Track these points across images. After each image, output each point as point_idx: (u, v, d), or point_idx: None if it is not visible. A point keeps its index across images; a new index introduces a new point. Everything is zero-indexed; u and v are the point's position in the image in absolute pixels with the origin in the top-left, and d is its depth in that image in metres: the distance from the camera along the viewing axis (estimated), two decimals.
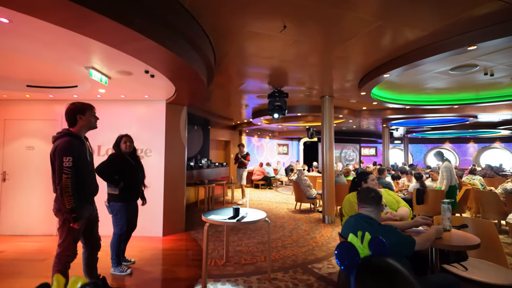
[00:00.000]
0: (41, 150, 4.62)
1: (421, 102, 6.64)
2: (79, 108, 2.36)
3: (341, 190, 5.86)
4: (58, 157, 2.18)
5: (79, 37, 2.19)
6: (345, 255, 0.75)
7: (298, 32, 3.06)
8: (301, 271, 3.23)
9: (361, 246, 0.81)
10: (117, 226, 3.14)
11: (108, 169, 3.09)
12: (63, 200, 2.15)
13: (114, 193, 3.12)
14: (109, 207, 3.15)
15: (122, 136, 3.31)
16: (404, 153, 14.22)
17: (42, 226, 4.53)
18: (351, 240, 0.82)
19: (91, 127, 2.45)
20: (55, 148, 2.22)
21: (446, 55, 3.28)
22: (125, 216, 3.16)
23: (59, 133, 2.32)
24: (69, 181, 2.16)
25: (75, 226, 2.23)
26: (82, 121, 2.36)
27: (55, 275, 0.43)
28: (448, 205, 2.39)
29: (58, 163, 2.17)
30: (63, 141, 2.23)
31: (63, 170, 2.16)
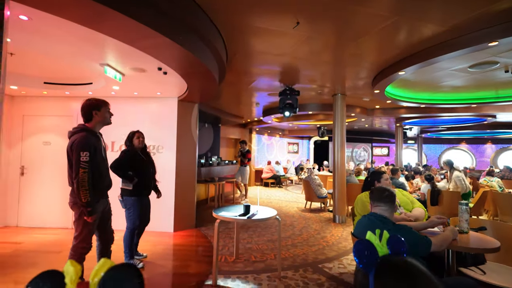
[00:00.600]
0: (57, 145, 4.75)
1: (436, 101, 6.45)
2: (94, 104, 2.40)
3: (352, 190, 5.77)
4: (75, 152, 2.22)
5: (94, 34, 2.23)
6: (363, 253, 0.73)
7: (311, 28, 3.02)
8: (311, 270, 3.20)
9: (379, 244, 0.79)
10: (130, 220, 3.20)
11: (123, 165, 3.15)
12: (79, 194, 2.21)
13: (127, 188, 3.18)
14: (122, 201, 3.21)
15: (135, 132, 3.37)
16: (418, 153, 13.88)
17: (58, 219, 4.67)
18: (369, 238, 0.80)
19: (105, 123, 2.49)
20: (72, 142, 2.27)
21: (466, 51, 3.17)
22: (137, 211, 3.21)
23: (75, 128, 2.37)
24: (85, 176, 2.21)
25: (89, 220, 2.28)
26: (98, 117, 2.40)
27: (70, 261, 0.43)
28: (466, 206, 2.31)
29: (76, 157, 2.22)
30: (80, 136, 2.27)
31: (80, 165, 2.21)
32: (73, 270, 0.41)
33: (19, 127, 4.79)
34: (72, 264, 0.43)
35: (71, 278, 0.40)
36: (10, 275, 2.88)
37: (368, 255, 0.74)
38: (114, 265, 0.42)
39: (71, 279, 0.40)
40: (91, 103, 2.39)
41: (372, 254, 0.74)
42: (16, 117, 4.78)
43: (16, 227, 4.61)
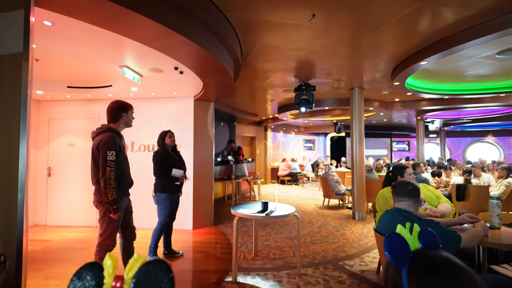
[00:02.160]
0: (81, 147, 4.94)
1: (461, 92, 6.14)
2: (123, 106, 2.49)
3: (372, 186, 5.62)
4: (102, 151, 2.29)
5: (114, 36, 2.29)
6: (395, 247, 0.70)
7: (327, 20, 2.95)
8: (332, 268, 3.14)
9: (410, 238, 0.74)
10: (162, 216, 3.33)
11: (161, 168, 3.30)
12: (106, 192, 2.28)
13: (161, 184, 3.31)
14: (155, 197, 3.34)
15: (167, 132, 3.50)
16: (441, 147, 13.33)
17: (83, 218, 4.87)
18: (399, 231, 0.76)
19: (128, 125, 2.58)
20: (98, 142, 2.33)
21: (494, 36, 2.98)
22: (169, 207, 3.34)
23: (100, 128, 2.44)
24: (112, 174, 2.29)
25: (114, 217, 2.35)
26: (123, 119, 2.49)
27: (108, 254, 0.43)
28: (497, 201, 2.18)
29: (103, 156, 2.29)
30: (107, 136, 2.34)
31: (107, 163, 2.28)
32: (111, 263, 0.42)
33: (45, 130, 5.02)
34: (110, 257, 0.44)
35: (109, 271, 0.41)
36: (41, 271, 3.03)
37: (400, 250, 0.70)
38: (148, 261, 0.42)
39: (108, 272, 0.41)
40: (121, 104, 2.49)
41: (404, 248, 0.70)
42: (42, 120, 5.02)
43: (45, 226, 4.85)
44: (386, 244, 0.71)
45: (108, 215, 2.36)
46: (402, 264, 0.69)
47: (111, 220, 2.39)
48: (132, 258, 0.42)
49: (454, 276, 0.64)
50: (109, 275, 0.43)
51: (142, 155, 4.85)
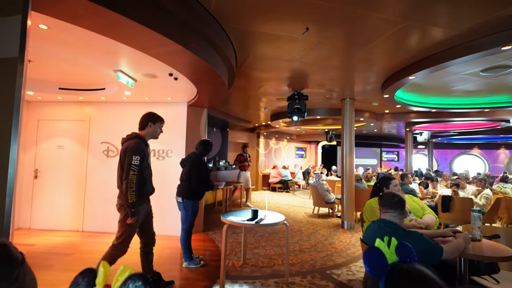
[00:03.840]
0: (71, 149, 4.88)
1: (448, 106, 6.35)
2: (152, 117, 2.67)
3: (361, 196, 5.71)
4: (128, 156, 2.43)
5: (109, 41, 2.31)
6: (373, 260, 0.74)
7: (321, 34, 3.04)
8: (320, 277, 3.17)
9: (388, 252, 0.79)
10: (187, 222, 3.37)
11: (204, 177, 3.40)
12: (127, 194, 2.38)
13: (191, 192, 3.36)
14: (183, 203, 3.36)
15: (211, 142, 3.60)
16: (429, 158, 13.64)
17: (69, 222, 4.77)
18: (378, 245, 0.80)
19: (154, 136, 2.72)
20: (126, 147, 2.48)
21: (478, 55, 3.13)
22: (194, 213, 3.40)
23: (129, 135, 2.60)
24: (134, 178, 2.41)
25: (130, 221, 2.44)
26: (150, 129, 2.64)
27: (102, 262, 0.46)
28: (478, 213, 2.26)
29: (128, 161, 2.42)
30: (134, 142, 2.50)
31: (131, 167, 2.41)
32: (103, 272, 0.44)
33: (34, 131, 4.94)
34: (104, 266, 0.46)
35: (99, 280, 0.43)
36: None
37: (378, 263, 0.74)
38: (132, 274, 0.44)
39: (99, 281, 0.43)
40: (151, 115, 2.68)
41: (382, 262, 0.75)
42: (31, 121, 4.94)
43: (29, 229, 4.73)
44: (366, 257, 0.75)
45: (125, 220, 2.46)
46: (380, 277, 0.73)
47: (129, 226, 2.47)
48: (119, 269, 0.44)
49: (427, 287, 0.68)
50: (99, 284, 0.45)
51: None
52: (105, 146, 4.86)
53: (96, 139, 4.88)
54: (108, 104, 4.90)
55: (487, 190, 5.03)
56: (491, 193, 5.09)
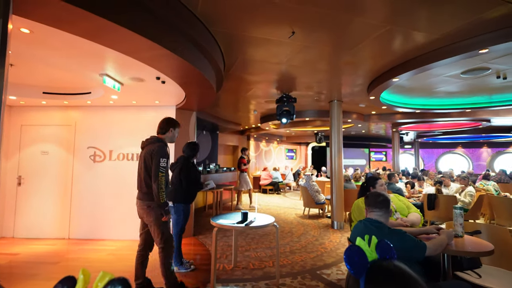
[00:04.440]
0: (56, 155, 4.76)
1: (432, 106, 6.54)
2: (173, 123, 2.83)
3: (350, 196, 5.79)
4: (155, 158, 2.57)
5: (94, 45, 2.28)
6: (354, 259, 0.76)
7: (307, 38, 3.09)
8: (310, 277, 3.20)
9: (368, 250, 0.81)
10: (178, 226, 3.38)
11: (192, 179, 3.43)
12: (159, 195, 2.51)
13: (182, 194, 3.36)
14: (174, 207, 3.35)
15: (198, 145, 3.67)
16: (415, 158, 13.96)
17: (55, 229, 4.65)
18: (359, 243, 0.83)
19: (172, 141, 2.86)
20: (152, 150, 2.61)
21: (457, 58, 3.25)
22: (185, 217, 3.41)
23: (150, 139, 2.72)
24: (163, 179, 2.56)
25: (166, 219, 2.58)
26: (170, 133, 2.79)
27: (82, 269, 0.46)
28: (460, 210, 2.34)
29: (156, 163, 2.55)
30: (159, 145, 2.63)
31: (159, 169, 2.54)
32: (82, 279, 0.45)
33: (17, 137, 4.80)
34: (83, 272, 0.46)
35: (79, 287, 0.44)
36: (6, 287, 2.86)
37: (358, 261, 0.76)
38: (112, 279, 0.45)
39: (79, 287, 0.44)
40: (172, 120, 2.83)
41: (362, 260, 0.77)
42: (14, 127, 4.80)
43: (12, 238, 4.57)
44: (346, 256, 0.77)
45: (160, 219, 2.57)
46: (360, 274, 0.75)
47: (164, 224, 2.60)
48: (99, 275, 0.45)
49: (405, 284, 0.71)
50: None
51: (121, 164, 4.74)
52: (91, 151, 4.77)
53: (82, 144, 4.78)
54: (95, 108, 4.82)
55: (470, 188, 5.21)
56: (474, 190, 5.26)
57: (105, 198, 4.64)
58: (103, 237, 4.57)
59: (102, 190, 4.67)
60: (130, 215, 4.60)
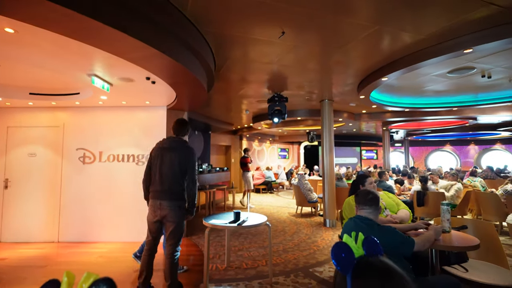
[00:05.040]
0: (44, 157, 4.67)
1: (420, 105, 6.67)
2: (188, 124, 2.95)
3: (342, 194, 5.86)
4: (192, 160, 2.72)
5: (82, 45, 2.25)
6: (340, 255, 0.78)
7: (297, 38, 3.12)
8: (303, 275, 3.23)
9: (355, 246, 0.83)
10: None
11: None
12: (197, 196, 2.69)
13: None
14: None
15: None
16: (405, 155, 14.20)
17: (44, 233, 4.55)
18: (346, 240, 0.84)
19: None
20: (188, 153, 2.72)
21: (443, 58, 3.32)
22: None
23: (179, 141, 2.79)
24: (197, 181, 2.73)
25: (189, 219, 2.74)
26: (187, 134, 2.94)
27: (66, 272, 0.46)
28: (447, 206, 2.40)
29: (193, 166, 2.71)
30: (192, 149, 2.78)
31: (195, 171, 2.70)
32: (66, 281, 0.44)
33: (3, 139, 4.68)
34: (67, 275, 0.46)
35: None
36: None
37: (344, 257, 0.78)
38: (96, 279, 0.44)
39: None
40: (187, 123, 2.93)
41: (348, 256, 0.79)
42: (0, 129, 4.68)
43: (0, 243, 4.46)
44: (333, 253, 0.79)
45: (184, 219, 2.67)
46: (347, 271, 0.76)
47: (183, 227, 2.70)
48: (83, 276, 0.44)
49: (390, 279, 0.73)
50: None
51: (112, 166, 4.68)
52: (81, 153, 4.69)
53: (71, 146, 4.69)
54: (83, 109, 4.74)
55: (458, 184, 5.34)
56: (461, 186, 5.39)
57: (96, 200, 4.57)
58: (94, 239, 4.50)
59: (93, 191, 4.59)
60: (121, 216, 4.55)
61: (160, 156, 2.72)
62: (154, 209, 2.63)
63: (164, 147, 2.74)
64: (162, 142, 2.83)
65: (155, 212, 2.63)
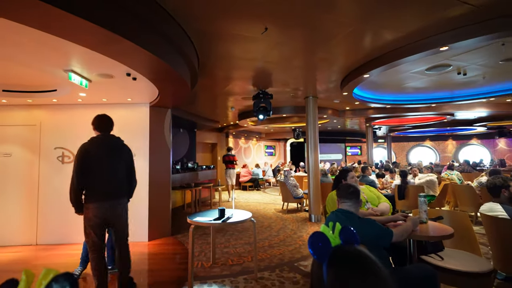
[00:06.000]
0: (20, 157, 4.47)
1: (401, 102, 6.87)
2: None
3: (327, 189, 5.94)
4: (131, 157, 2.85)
5: (57, 39, 2.16)
6: (317, 244, 0.79)
7: (280, 34, 3.13)
8: (288, 269, 3.27)
9: (332, 236, 0.85)
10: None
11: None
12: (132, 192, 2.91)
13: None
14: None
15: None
16: (388, 151, 14.61)
17: (20, 236, 4.37)
18: (323, 230, 0.86)
19: None
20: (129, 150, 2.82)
21: (421, 55, 3.43)
22: None
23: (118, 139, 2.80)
24: None
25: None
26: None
27: (24, 270, 0.44)
28: (424, 198, 2.50)
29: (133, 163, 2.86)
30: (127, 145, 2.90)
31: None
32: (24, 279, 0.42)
33: None
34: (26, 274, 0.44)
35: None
36: None
37: (321, 246, 0.80)
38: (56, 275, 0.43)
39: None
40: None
41: (325, 245, 0.80)
42: None
43: None
44: (310, 242, 0.80)
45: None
46: (323, 259, 0.78)
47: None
48: (41, 273, 0.43)
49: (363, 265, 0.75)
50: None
51: None
52: (59, 152, 4.52)
53: (48, 145, 4.51)
54: (61, 107, 4.57)
55: (432, 176, 5.58)
56: (434, 178, 5.60)
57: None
58: (74, 241, 4.36)
59: None
60: None
61: (105, 155, 2.57)
62: (103, 211, 2.49)
63: (108, 146, 2.62)
64: (102, 140, 2.63)
65: (105, 214, 2.50)
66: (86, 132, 4.57)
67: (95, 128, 2.71)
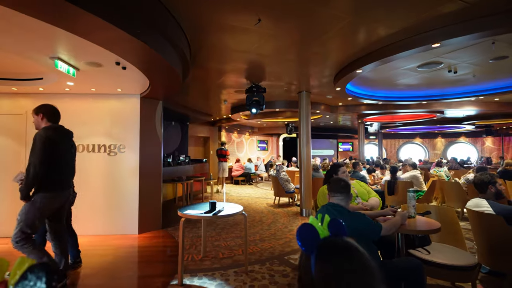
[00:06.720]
0: (5, 147, 4.33)
1: (393, 98, 6.93)
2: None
3: (318, 184, 5.99)
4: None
5: (42, 24, 2.07)
6: (305, 236, 0.78)
7: (274, 26, 3.08)
8: (278, 263, 3.29)
9: (320, 227, 0.84)
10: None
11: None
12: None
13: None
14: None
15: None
16: (379, 147, 14.79)
17: (7, 228, 4.26)
18: (312, 222, 0.85)
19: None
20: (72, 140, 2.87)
21: (413, 52, 3.44)
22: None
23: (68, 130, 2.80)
24: None
25: None
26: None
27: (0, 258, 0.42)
28: (413, 193, 2.53)
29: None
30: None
31: None
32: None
33: None
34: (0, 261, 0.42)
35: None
36: None
37: (309, 238, 0.79)
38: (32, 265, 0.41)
39: None
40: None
41: (313, 237, 0.79)
42: None
43: None
44: (298, 233, 0.79)
45: None
46: (311, 250, 0.77)
47: None
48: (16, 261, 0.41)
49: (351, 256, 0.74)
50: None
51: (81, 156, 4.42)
52: None
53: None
54: (48, 96, 4.42)
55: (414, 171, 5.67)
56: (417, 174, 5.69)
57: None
58: None
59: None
60: (92, 209, 4.37)
61: (64, 144, 2.68)
62: (61, 199, 2.62)
63: (69, 137, 2.78)
64: (63, 131, 2.74)
65: (60, 202, 2.63)
66: (75, 123, 4.47)
67: (47, 117, 2.64)
